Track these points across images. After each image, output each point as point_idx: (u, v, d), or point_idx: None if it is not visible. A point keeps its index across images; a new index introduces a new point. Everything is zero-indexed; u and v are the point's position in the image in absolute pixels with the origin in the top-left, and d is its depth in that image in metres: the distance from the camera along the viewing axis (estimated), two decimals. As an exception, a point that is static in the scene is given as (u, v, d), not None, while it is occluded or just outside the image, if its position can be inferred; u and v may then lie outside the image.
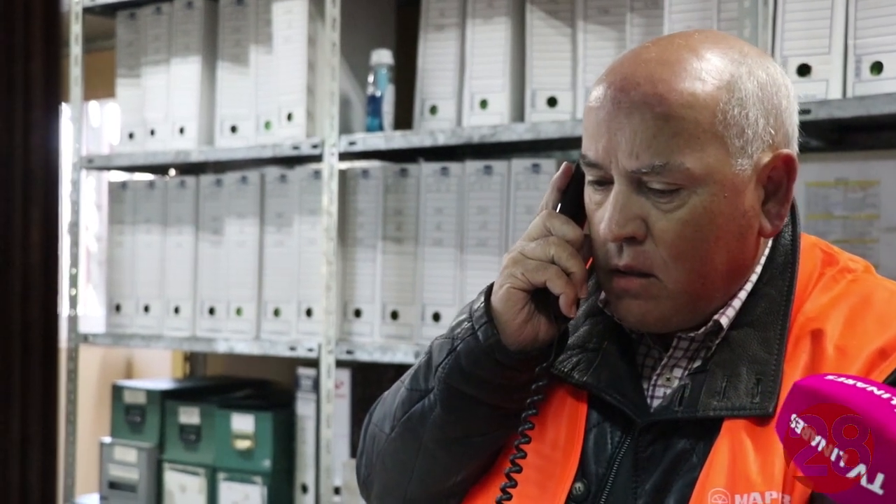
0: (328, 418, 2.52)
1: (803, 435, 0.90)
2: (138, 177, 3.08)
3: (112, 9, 2.95)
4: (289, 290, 2.63)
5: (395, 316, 2.48)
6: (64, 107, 3.02)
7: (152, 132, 2.89)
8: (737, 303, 1.14)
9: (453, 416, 1.17)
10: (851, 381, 0.91)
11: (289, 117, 2.60)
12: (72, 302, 2.98)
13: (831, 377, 0.92)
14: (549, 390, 1.17)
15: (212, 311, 2.77)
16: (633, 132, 1.08)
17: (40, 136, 0.62)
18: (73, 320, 2.96)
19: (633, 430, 1.13)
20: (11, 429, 0.62)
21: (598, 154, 1.11)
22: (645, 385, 1.17)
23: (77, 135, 2.97)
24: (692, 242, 1.09)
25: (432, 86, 2.43)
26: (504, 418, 1.17)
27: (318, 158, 2.57)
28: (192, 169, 3.00)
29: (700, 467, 1.08)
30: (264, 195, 2.69)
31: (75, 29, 2.94)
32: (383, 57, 2.52)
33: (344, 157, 2.54)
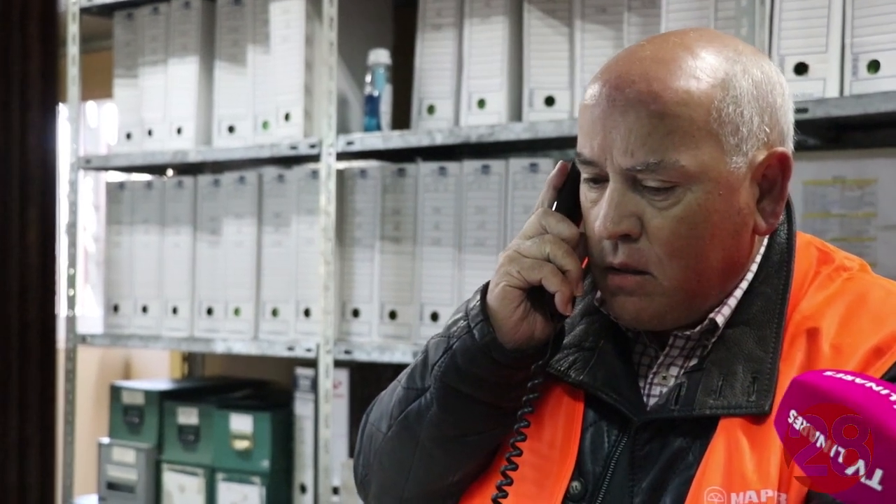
0: (326, 418, 2.52)
1: (804, 434, 0.90)
2: (136, 177, 3.08)
3: (109, 9, 2.95)
4: (287, 290, 2.63)
5: (393, 316, 2.48)
6: (61, 107, 3.02)
7: (150, 132, 2.88)
8: (732, 301, 1.14)
9: (449, 415, 1.17)
10: (850, 378, 0.90)
11: (286, 117, 2.60)
12: (70, 302, 2.97)
13: (830, 373, 0.92)
14: (545, 389, 1.17)
15: (210, 311, 2.77)
16: (627, 130, 1.08)
17: (37, 136, 0.62)
18: (71, 321, 2.96)
19: (630, 428, 1.13)
20: (9, 430, 0.62)
21: (593, 152, 1.11)
22: (641, 384, 1.17)
23: (74, 135, 2.97)
24: (687, 240, 1.09)
25: (430, 85, 2.43)
26: (500, 417, 1.17)
27: (315, 158, 2.57)
28: (189, 169, 3.00)
29: (696, 466, 1.08)
30: (262, 195, 2.69)
31: (72, 29, 2.94)
32: (381, 56, 2.51)
33: (342, 156, 2.53)
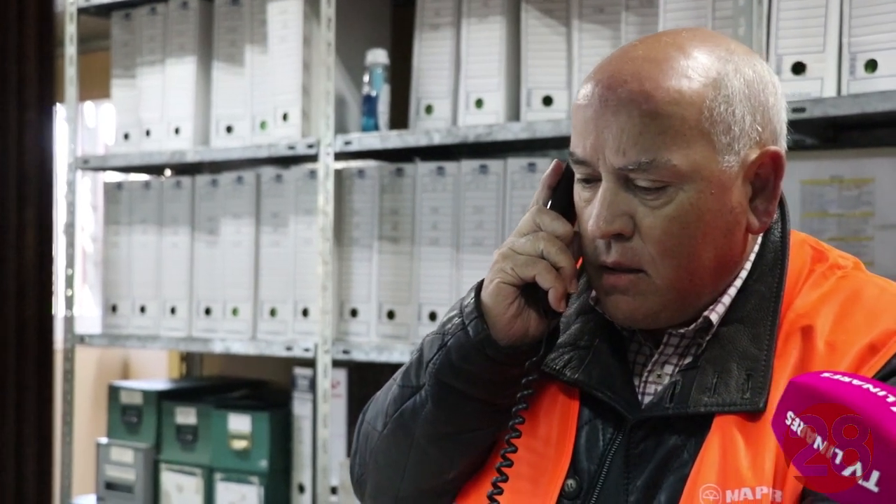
0: (325, 418, 2.52)
1: (802, 435, 0.90)
2: (134, 177, 3.08)
3: (107, 9, 2.95)
4: (285, 290, 2.63)
5: (391, 315, 2.48)
6: (59, 107, 3.02)
7: (148, 132, 2.89)
8: (726, 299, 1.15)
9: (444, 412, 1.18)
10: (847, 379, 0.90)
11: (284, 117, 2.60)
12: (68, 303, 2.97)
13: (827, 374, 0.92)
14: (540, 388, 1.18)
15: (208, 311, 2.77)
16: (619, 129, 1.08)
17: (35, 136, 0.62)
18: (69, 321, 2.96)
19: (625, 426, 1.14)
20: (6, 430, 0.62)
21: (585, 151, 1.11)
22: (636, 382, 1.17)
23: (72, 135, 2.97)
24: (679, 239, 1.10)
25: (428, 85, 2.43)
26: (495, 414, 1.17)
27: (313, 158, 2.57)
28: (187, 169, 3.00)
29: (691, 463, 1.08)
30: (260, 195, 2.69)
31: (70, 29, 2.94)
32: (379, 56, 2.52)
33: (339, 156, 2.54)
